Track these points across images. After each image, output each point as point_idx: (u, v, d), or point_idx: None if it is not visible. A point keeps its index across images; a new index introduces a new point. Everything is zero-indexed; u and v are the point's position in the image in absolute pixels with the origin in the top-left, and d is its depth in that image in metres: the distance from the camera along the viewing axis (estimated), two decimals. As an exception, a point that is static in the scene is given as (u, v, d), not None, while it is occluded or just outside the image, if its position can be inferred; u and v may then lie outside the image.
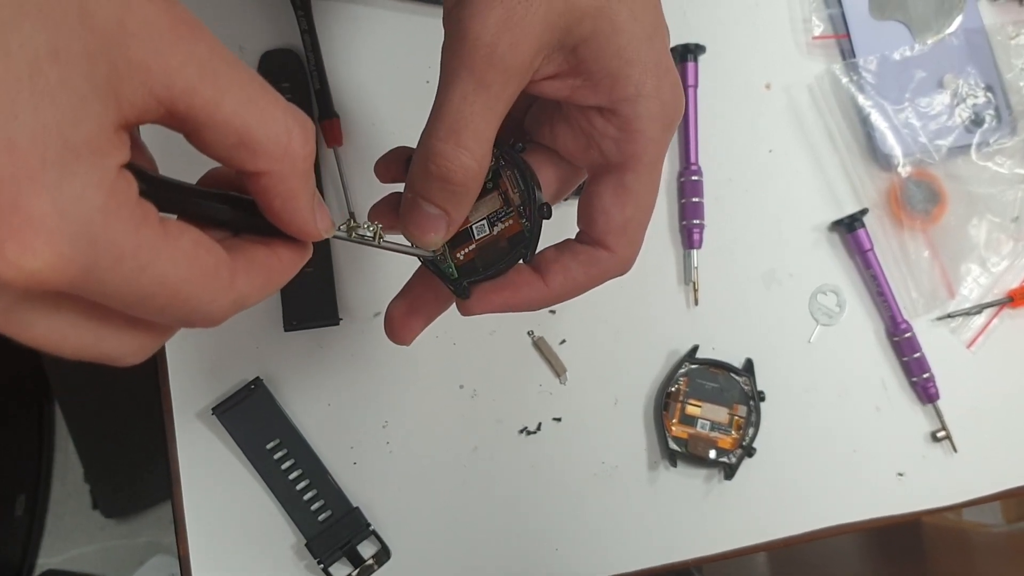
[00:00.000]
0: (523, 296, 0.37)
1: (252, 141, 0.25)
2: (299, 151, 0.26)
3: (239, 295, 0.26)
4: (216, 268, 0.25)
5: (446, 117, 0.32)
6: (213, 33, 0.25)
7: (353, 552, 0.55)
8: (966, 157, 0.61)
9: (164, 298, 0.24)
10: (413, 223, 0.35)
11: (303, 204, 0.27)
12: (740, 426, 0.57)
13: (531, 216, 0.36)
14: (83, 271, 0.21)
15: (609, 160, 0.36)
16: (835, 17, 0.62)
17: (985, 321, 0.61)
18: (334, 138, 0.58)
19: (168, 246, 0.23)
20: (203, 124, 0.24)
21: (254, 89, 0.25)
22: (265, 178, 0.26)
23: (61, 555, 1.37)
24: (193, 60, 0.23)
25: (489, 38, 0.31)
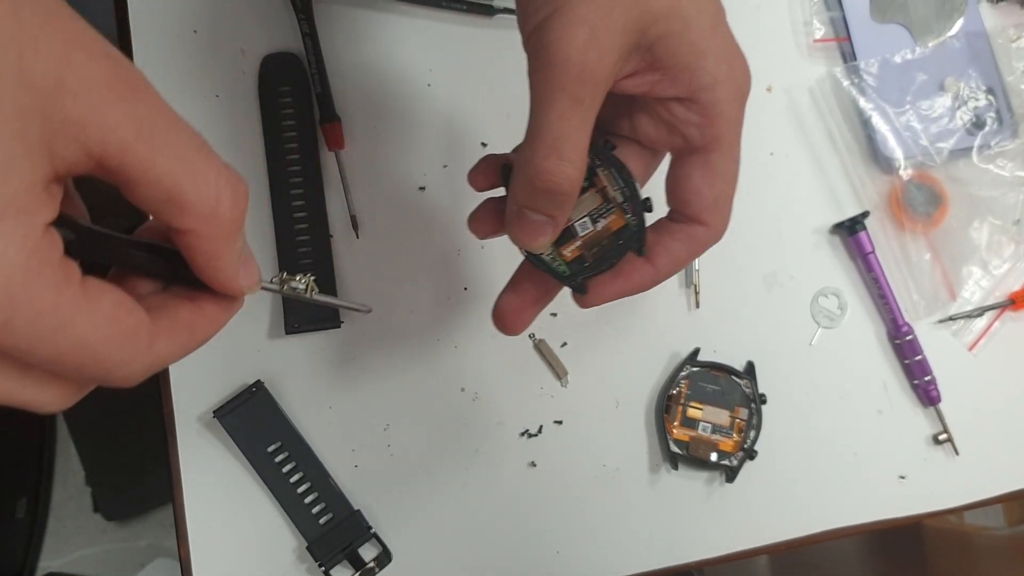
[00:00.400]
0: (635, 282, 0.40)
1: (181, 200, 0.25)
2: (226, 214, 0.26)
3: (156, 357, 0.27)
4: (135, 330, 0.26)
5: (546, 136, 0.34)
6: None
7: (354, 555, 0.55)
8: (967, 160, 0.61)
9: (80, 358, 0.24)
10: (522, 231, 0.37)
11: (226, 263, 0.28)
12: (741, 429, 0.57)
13: (636, 211, 0.39)
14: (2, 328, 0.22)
15: (693, 144, 0.38)
16: (836, 20, 0.62)
17: (987, 324, 0.61)
18: (336, 141, 0.58)
19: (88, 307, 0.24)
20: (135, 180, 0.24)
21: (190, 150, 0.25)
22: (191, 236, 0.26)
23: (62, 558, 1.37)
24: (130, 119, 0.24)
25: (578, 57, 0.32)
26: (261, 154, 0.58)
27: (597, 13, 0.32)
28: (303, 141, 0.58)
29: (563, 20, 0.32)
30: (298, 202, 0.57)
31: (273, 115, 0.58)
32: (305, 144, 0.58)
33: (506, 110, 0.60)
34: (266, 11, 0.59)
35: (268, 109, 0.58)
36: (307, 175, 0.58)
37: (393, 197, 0.59)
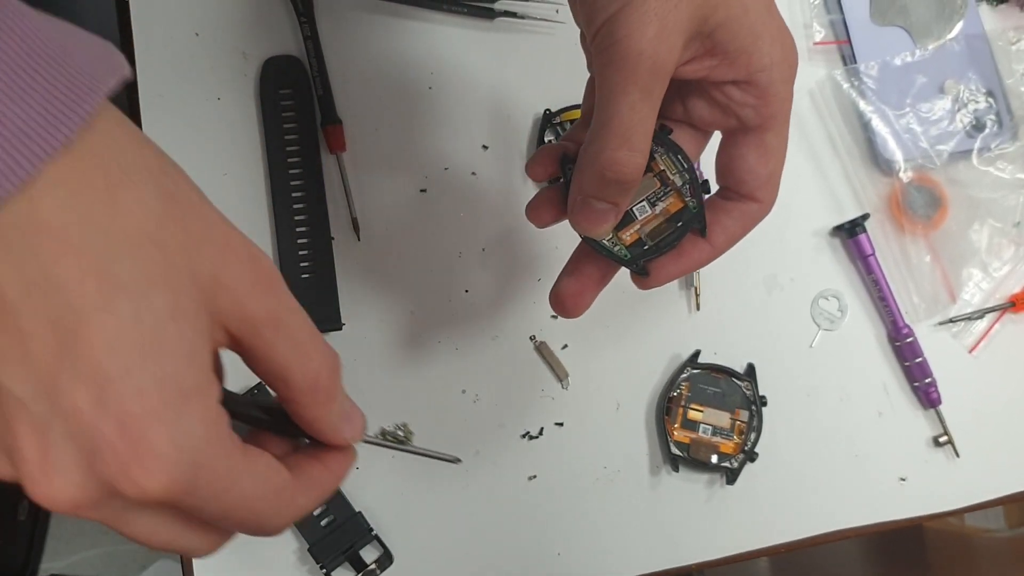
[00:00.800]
0: (695, 259, 0.42)
1: (287, 378, 0.30)
2: (323, 387, 0.31)
3: (298, 510, 0.31)
4: (284, 488, 0.30)
5: (618, 127, 0.35)
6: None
7: (355, 557, 0.55)
8: (967, 162, 0.61)
9: (242, 513, 0.28)
10: (587, 219, 0.38)
11: (325, 424, 0.32)
12: (742, 431, 0.57)
13: (696, 194, 0.40)
14: (185, 490, 0.26)
15: (747, 124, 0.39)
16: (836, 23, 0.63)
17: (987, 326, 0.61)
18: (337, 144, 0.58)
19: (249, 469, 0.28)
20: (257, 357, 0.29)
21: (302, 335, 0.30)
22: (295, 406, 0.31)
23: (64, 559, 1.37)
24: (265, 310, 0.28)
25: (651, 50, 0.33)
26: (262, 156, 0.58)
27: (666, 6, 0.33)
28: (304, 143, 0.58)
29: (634, 14, 0.33)
30: (299, 204, 0.57)
31: (274, 118, 0.58)
32: (306, 146, 0.58)
33: (507, 113, 0.61)
34: (268, 14, 0.59)
35: (269, 112, 0.58)
36: (308, 178, 0.58)
37: (394, 199, 0.59)
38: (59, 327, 0.24)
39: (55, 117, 0.24)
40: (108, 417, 0.24)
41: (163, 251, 0.26)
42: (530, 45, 0.61)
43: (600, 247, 0.40)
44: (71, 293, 0.24)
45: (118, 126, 0.26)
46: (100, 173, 0.25)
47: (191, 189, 0.28)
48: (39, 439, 0.25)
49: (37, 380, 0.25)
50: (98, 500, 0.26)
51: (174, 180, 0.27)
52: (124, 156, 0.26)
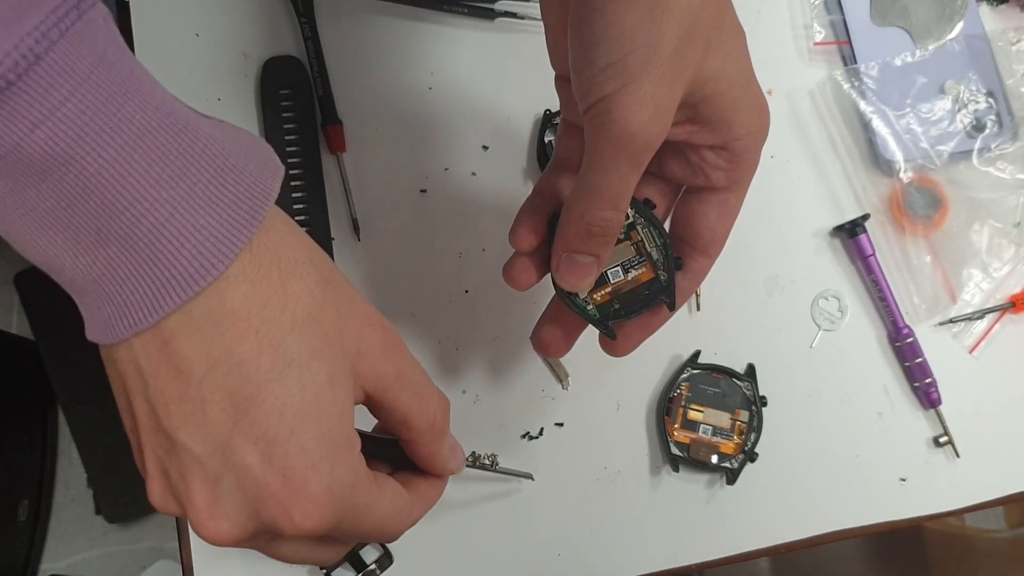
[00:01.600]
0: (656, 324, 0.46)
1: (410, 422, 0.36)
2: (439, 427, 0.37)
3: (413, 520, 0.37)
4: (405, 507, 0.36)
5: (607, 193, 0.37)
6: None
7: (355, 557, 0.55)
8: (968, 163, 0.61)
9: (373, 533, 0.34)
10: (571, 273, 0.41)
11: (438, 459, 0.38)
12: (742, 431, 0.57)
13: (669, 268, 0.43)
14: (335, 525, 0.31)
15: (715, 185, 0.42)
16: (836, 23, 0.63)
17: (987, 326, 0.61)
18: (337, 144, 0.58)
19: (380, 496, 0.34)
20: (384, 408, 0.35)
21: (421, 386, 0.36)
22: (414, 445, 0.37)
23: (64, 560, 1.37)
24: (393, 368, 0.34)
25: (644, 133, 0.35)
26: (263, 157, 0.58)
27: (661, 90, 0.35)
28: (305, 144, 0.58)
29: (631, 98, 0.34)
30: (299, 205, 0.57)
31: (275, 118, 0.58)
32: (307, 147, 0.58)
33: (507, 113, 0.61)
34: (268, 15, 0.60)
35: (270, 112, 0.58)
36: (308, 178, 0.58)
37: (394, 200, 0.59)
38: (236, 396, 0.29)
39: (239, 222, 0.29)
40: (274, 471, 0.29)
41: (322, 328, 0.31)
42: (530, 45, 0.61)
43: (573, 304, 0.43)
44: (249, 368, 0.29)
45: (284, 224, 0.31)
46: (275, 267, 0.30)
47: (339, 274, 0.33)
48: (210, 490, 0.30)
49: (214, 441, 0.29)
50: (254, 536, 0.31)
51: (329, 268, 0.33)
52: (292, 251, 0.31)
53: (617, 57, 0.34)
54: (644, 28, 0.34)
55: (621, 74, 0.34)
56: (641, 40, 0.34)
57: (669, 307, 0.43)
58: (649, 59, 0.34)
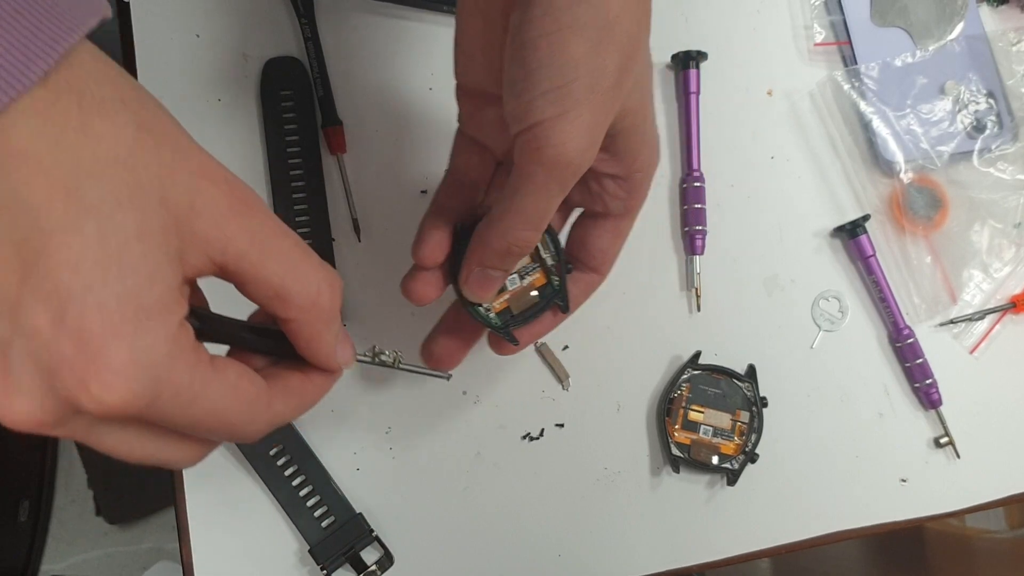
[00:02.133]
0: (546, 327, 0.48)
1: (285, 296, 0.31)
2: (324, 306, 0.32)
3: (274, 417, 0.32)
4: (256, 396, 0.31)
5: (531, 214, 0.38)
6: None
7: (356, 558, 0.55)
8: (968, 163, 0.61)
9: (211, 423, 0.29)
10: (479, 287, 0.42)
11: (324, 345, 0.33)
12: (742, 432, 0.57)
13: (561, 273, 0.45)
14: (148, 404, 0.27)
15: (611, 212, 0.44)
16: (836, 24, 0.63)
17: (988, 327, 0.61)
18: (337, 145, 0.58)
19: (215, 380, 0.29)
20: (248, 280, 0.30)
21: (295, 254, 0.31)
22: (294, 324, 0.32)
23: (64, 561, 1.37)
24: (245, 231, 0.29)
25: (578, 160, 0.36)
26: (263, 158, 0.58)
27: (597, 119, 0.36)
28: (305, 145, 0.58)
29: (571, 125, 0.35)
30: (300, 206, 0.57)
31: (275, 119, 0.58)
32: (307, 148, 0.58)
33: (507, 114, 0.61)
34: (268, 15, 0.60)
35: (270, 113, 0.58)
36: (309, 179, 0.58)
37: (395, 201, 0.59)
38: (24, 248, 0.25)
39: (34, 53, 0.25)
40: (66, 333, 0.25)
41: (133, 175, 0.26)
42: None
43: (476, 312, 0.44)
44: (38, 214, 0.25)
45: (95, 60, 0.27)
46: (75, 103, 0.26)
47: (169, 122, 0.29)
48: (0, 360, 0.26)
49: (0, 302, 0.25)
50: (61, 418, 0.27)
51: (152, 112, 0.28)
52: (100, 88, 0.27)
53: (560, 83, 0.34)
54: (589, 59, 0.34)
55: (563, 100, 0.35)
56: (585, 70, 0.34)
57: (562, 310, 0.46)
58: (592, 88, 0.35)
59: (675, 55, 0.61)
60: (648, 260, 0.60)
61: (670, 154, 0.61)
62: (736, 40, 0.63)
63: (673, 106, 0.62)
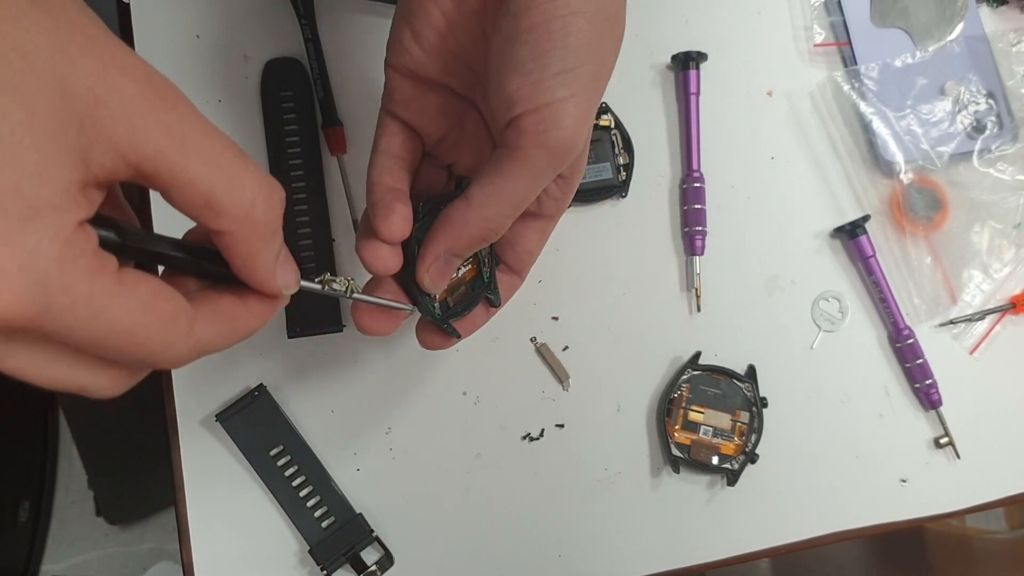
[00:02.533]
0: (479, 323, 0.46)
1: (215, 204, 0.27)
2: (260, 217, 0.29)
3: (198, 342, 0.29)
4: (173, 316, 0.27)
5: (520, 199, 0.37)
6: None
7: (356, 559, 0.55)
8: (968, 164, 0.61)
9: (119, 341, 0.26)
10: (443, 277, 0.41)
11: (261, 263, 0.30)
12: (743, 432, 0.57)
13: (491, 266, 0.44)
14: (39, 313, 0.24)
15: (543, 212, 0.43)
16: (836, 24, 0.63)
17: (988, 327, 0.61)
18: (338, 146, 0.58)
19: (122, 294, 0.26)
20: (170, 185, 0.27)
21: (224, 157, 0.28)
22: (228, 237, 0.29)
23: (65, 561, 1.37)
24: (161, 126, 0.26)
25: (579, 143, 0.36)
26: (263, 159, 0.58)
27: (592, 108, 0.36)
28: (305, 146, 0.58)
29: (578, 109, 0.35)
30: (300, 206, 0.57)
31: (275, 120, 0.58)
32: (307, 148, 0.58)
33: (507, 115, 0.61)
34: (269, 16, 0.60)
35: (270, 114, 0.58)
36: (309, 179, 0.58)
37: (395, 201, 0.59)
38: None
39: None
40: None
41: (21, 57, 0.24)
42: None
43: (423, 301, 0.42)
44: None
45: None
46: None
47: (79, 10, 0.26)
48: None
49: None
50: None
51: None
52: None
53: (573, 66, 0.34)
54: (597, 46, 0.35)
55: (573, 83, 0.34)
56: (594, 56, 0.35)
57: (493, 304, 0.45)
58: (597, 76, 0.35)
59: (675, 56, 0.61)
60: (648, 261, 0.60)
61: (670, 155, 0.61)
62: (736, 41, 0.63)
63: (673, 107, 0.62)
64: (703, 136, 0.61)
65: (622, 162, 0.60)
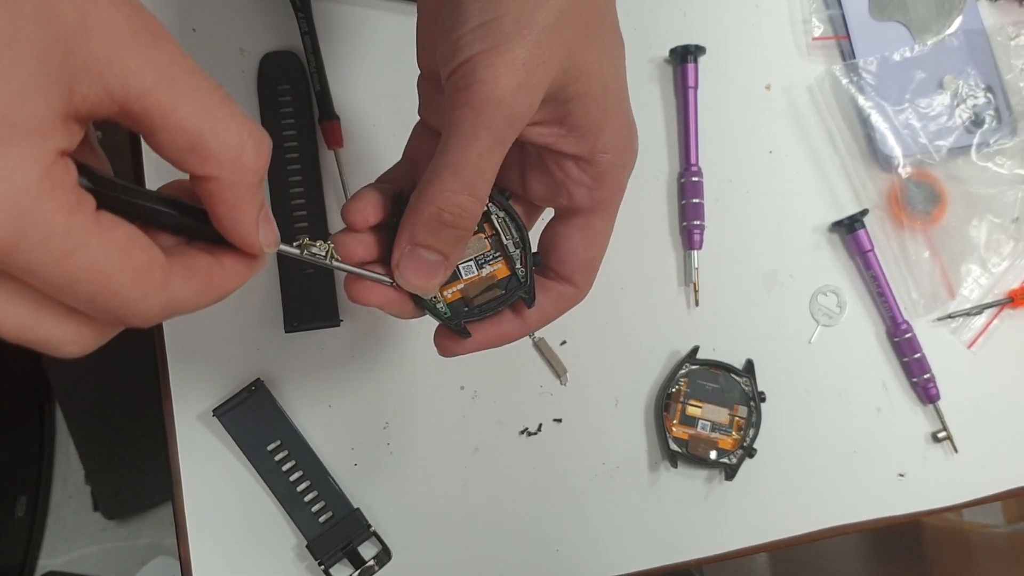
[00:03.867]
0: (505, 332, 0.40)
1: (203, 147, 0.26)
2: (249, 164, 0.27)
3: (172, 297, 0.27)
4: (148, 266, 0.26)
5: (464, 172, 0.33)
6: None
7: (354, 553, 0.55)
8: (966, 158, 0.61)
9: (92, 285, 0.25)
10: (414, 273, 0.36)
11: (246, 215, 0.28)
12: (741, 427, 0.57)
13: (528, 264, 0.39)
14: (12, 242, 0.22)
15: (578, 205, 0.38)
16: (835, 18, 0.62)
17: (986, 321, 0.61)
18: (334, 140, 0.58)
19: (99, 235, 0.24)
20: (157, 126, 0.25)
21: (213, 99, 0.26)
22: (213, 183, 0.27)
23: (62, 556, 1.37)
24: (151, 64, 0.25)
25: (510, 101, 0.32)
26: (260, 153, 0.58)
27: (535, 59, 0.32)
28: (302, 139, 0.58)
29: (501, 60, 0.32)
30: (297, 200, 0.57)
31: (272, 113, 0.58)
32: (304, 142, 0.58)
33: (505, 108, 0.60)
34: (265, 10, 0.59)
35: (267, 107, 0.58)
36: (306, 173, 0.58)
37: (392, 195, 0.59)
38: None
39: None
40: None
41: None
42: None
43: (421, 300, 0.38)
44: None
45: None
46: None
47: None
48: None
49: None
50: None
51: None
52: None
53: (491, 17, 0.32)
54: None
55: (493, 34, 0.32)
56: (519, 4, 0.32)
57: (527, 303, 0.39)
58: (525, 23, 0.32)
59: (673, 49, 0.61)
60: (646, 255, 0.60)
61: (668, 149, 0.61)
62: (735, 35, 0.62)
63: (671, 101, 0.62)
64: (701, 130, 0.61)
65: (620, 156, 0.59)
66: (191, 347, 0.57)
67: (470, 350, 0.40)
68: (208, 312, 0.57)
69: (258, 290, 0.57)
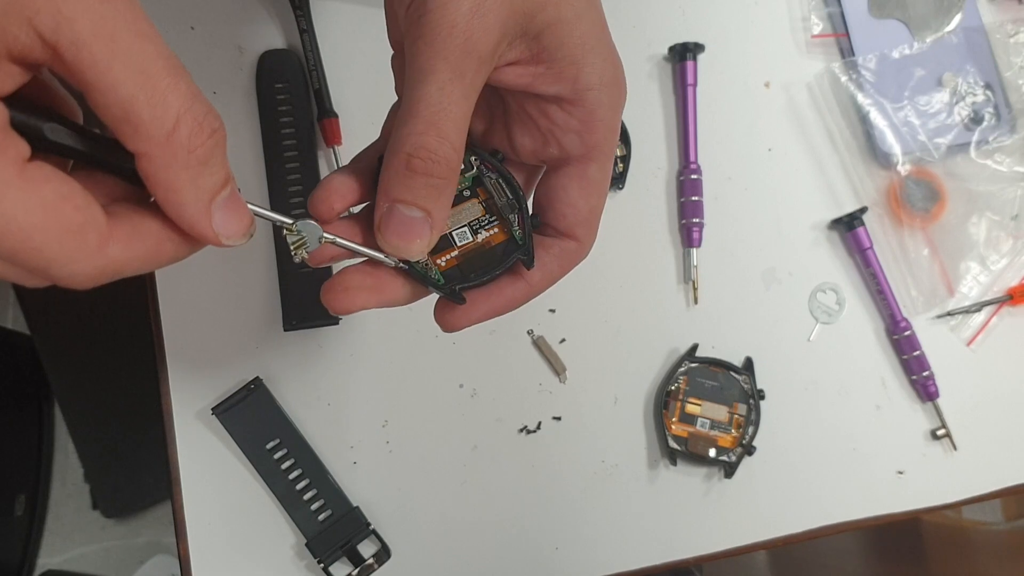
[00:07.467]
0: (510, 297, 0.37)
1: (135, 116, 0.24)
2: (182, 142, 0.25)
3: (110, 262, 0.25)
4: (81, 227, 0.24)
5: (423, 110, 0.31)
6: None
7: (353, 551, 0.55)
8: (965, 155, 0.61)
9: (12, 241, 0.23)
10: (395, 233, 0.33)
11: (186, 199, 0.26)
12: (740, 424, 0.57)
13: (524, 224, 0.37)
14: None
15: (570, 153, 0.36)
16: (834, 16, 0.62)
17: (985, 319, 0.61)
18: (333, 137, 0.58)
19: (23, 187, 0.23)
20: (90, 83, 0.23)
21: (155, 66, 0.24)
22: (143, 160, 0.25)
23: (61, 555, 1.37)
24: (90, 14, 0.23)
25: (464, 26, 0.30)
26: (259, 150, 0.58)
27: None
28: (301, 137, 0.58)
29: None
30: (296, 199, 0.57)
31: (271, 111, 0.58)
32: (303, 140, 0.58)
33: (504, 106, 0.60)
34: (263, 8, 0.59)
35: (266, 105, 0.58)
36: (305, 171, 0.58)
37: (391, 193, 0.59)
38: None
39: None
40: None
41: None
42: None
43: (412, 268, 0.36)
44: None
45: None
46: None
47: None
48: None
49: None
50: None
51: None
52: None
53: None
54: None
55: None
56: None
57: (527, 264, 0.37)
58: None
59: (672, 47, 0.61)
60: (645, 253, 0.60)
61: (667, 146, 0.61)
62: (734, 32, 0.62)
63: (670, 98, 0.62)
64: (700, 128, 0.61)
65: (619, 154, 0.59)
66: (190, 345, 0.57)
67: (474, 320, 0.37)
68: (207, 311, 0.57)
69: (257, 289, 0.57)
